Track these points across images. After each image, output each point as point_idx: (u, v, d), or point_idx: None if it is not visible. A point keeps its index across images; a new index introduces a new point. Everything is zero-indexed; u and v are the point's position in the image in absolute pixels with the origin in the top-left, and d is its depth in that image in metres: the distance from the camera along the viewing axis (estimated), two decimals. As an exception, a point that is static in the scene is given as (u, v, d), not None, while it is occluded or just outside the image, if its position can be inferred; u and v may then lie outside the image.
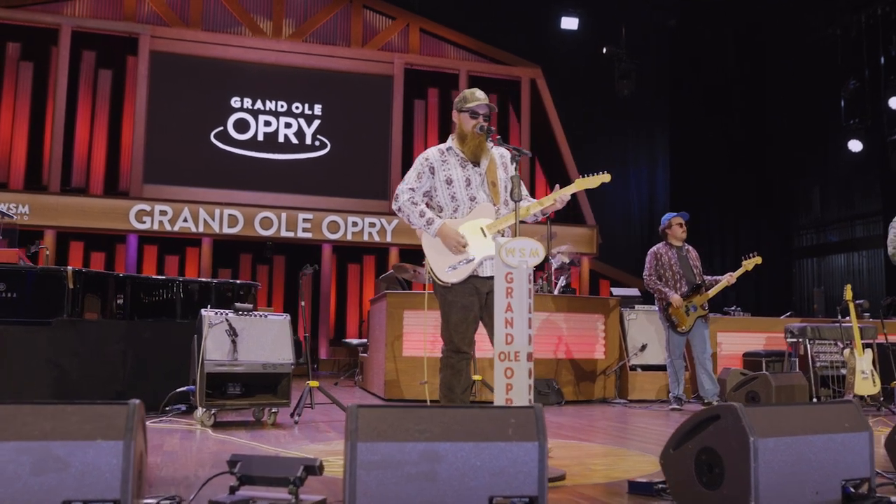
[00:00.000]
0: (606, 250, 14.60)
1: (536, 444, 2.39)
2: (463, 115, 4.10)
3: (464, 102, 4.11)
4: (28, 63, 12.73)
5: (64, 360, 5.34)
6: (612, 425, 5.67)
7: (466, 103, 4.09)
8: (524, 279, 3.44)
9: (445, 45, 14.56)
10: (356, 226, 13.51)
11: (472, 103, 4.08)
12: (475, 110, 4.07)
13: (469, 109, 4.07)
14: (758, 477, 2.56)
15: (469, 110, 4.07)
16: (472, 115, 4.07)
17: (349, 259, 13.88)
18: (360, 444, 2.32)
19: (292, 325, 5.51)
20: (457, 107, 4.14)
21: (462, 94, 4.18)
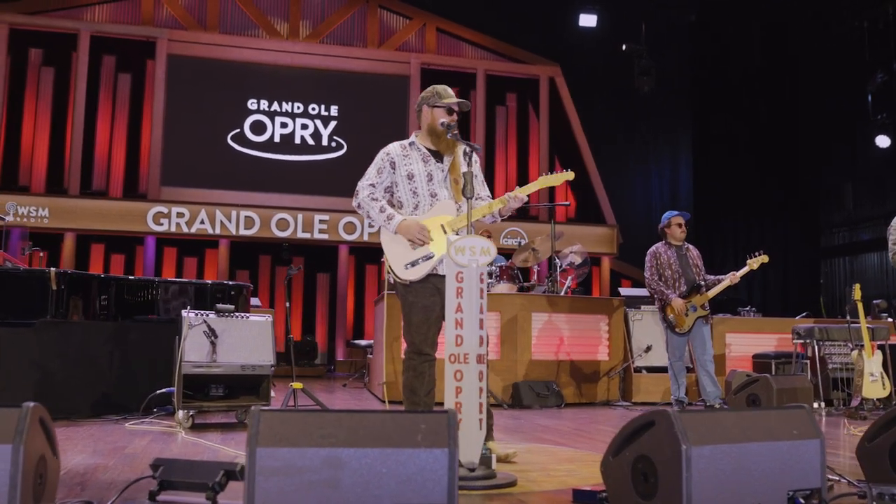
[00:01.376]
0: (628, 250, 14.36)
1: (446, 451, 2.28)
2: (437, 110, 3.98)
3: (437, 98, 4.00)
4: (49, 68, 12.93)
5: (48, 361, 5.34)
6: (603, 429, 5.52)
7: (441, 99, 3.99)
8: (475, 278, 3.33)
9: (462, 44, 14.47)
10: (373, 227, 13.43)
11: (448, 100, 3.97)
12: (451, 107, 3.96)
13: (445, 105, 3.96)
14: (690, 487, 2.41)
15: (445, 106, 3.96)
16: (448, 112, 3.96)
17: (367, 260, 13.85)
18: (259, 450, 2.23)
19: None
20: (429, 102, 4.03)
21: (433, 89, 4.07)
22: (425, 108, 4.04)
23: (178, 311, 5.66)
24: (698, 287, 6.71)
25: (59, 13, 12.92)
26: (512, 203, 3.96)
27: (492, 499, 3.01)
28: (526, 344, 7.31)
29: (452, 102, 3.96)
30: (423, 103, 4.05)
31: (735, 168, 14.26)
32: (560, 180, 4.08)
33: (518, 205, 4.01)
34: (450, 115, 3.94)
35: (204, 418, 5.56)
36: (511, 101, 14.72)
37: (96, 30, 12.92)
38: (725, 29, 14.12)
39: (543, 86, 14.48)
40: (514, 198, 3.95)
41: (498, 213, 4.03)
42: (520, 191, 3.98)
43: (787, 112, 14.15)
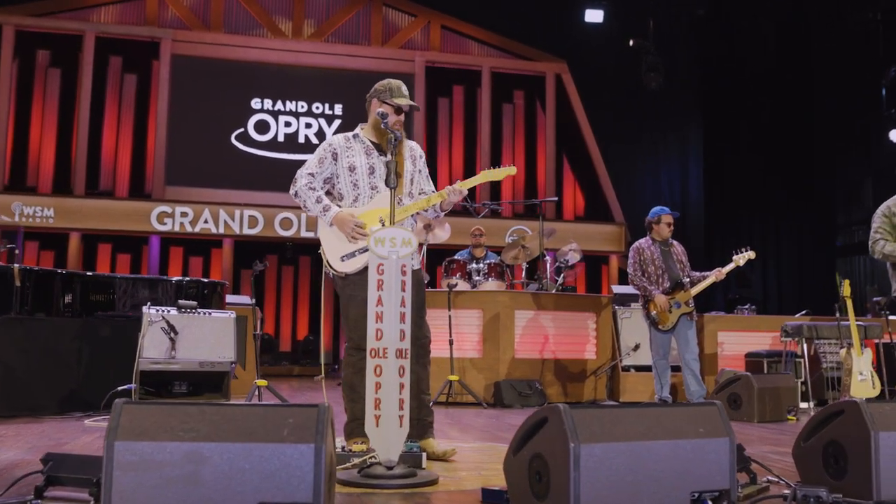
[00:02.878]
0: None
1: (312, 447, 2.18)
2: (386, 106, 3.89)
3: (388, 95, 3.91)
4: (56, 70, 13.03)
5: (11, 358, 5.33)
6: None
7: (392, 96, 3.89)
8: (395, 271, 3.23)
9: (467, 41, 14.36)
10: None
11: (399, 99, 3.87)
12: (402, 107, 3.86)
13: (395, 105, 3.87)
14: (579, 487, 2.29)
15: (395, 105, 3.87)
16: (396, 111, 3.86)
17: (372, 259, 13.77)
18: (117, 444, 2.15)
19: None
20: (379, 97, 3.94)
21: (387, 84, 3.97)
22: (374, 101, 3.94)
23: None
24: (682, 284, 6.54)
25: (66, 14, 13.03)
26: (452, 196, 3.85)
27: (398, 498, 2.91)
28: (509, 342, 7.18)
29: (404, 104, 3.86)
30: (374, 96, 3.96)
31: (746, 165, 13.99)
32: (502, 175, 3.96)
33: (458, 198, 3.89)
34: (398, 115, 3.84)
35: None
36: (518, 99, 14.58)
37: (101, 31, 13.01)
38: (735, 23, 13.87)
39: (550, 83, 14.32)
40: (454, 191, 3.84)
41: (439, 206, 3.92)
42: (460, 184, 3.88)
43: (799, 107, 13.84)
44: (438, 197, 3.87)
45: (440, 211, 3.97)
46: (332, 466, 2.37)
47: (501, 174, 3.95)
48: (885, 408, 2.83)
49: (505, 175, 3.96)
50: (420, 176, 4.04)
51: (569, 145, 14.50)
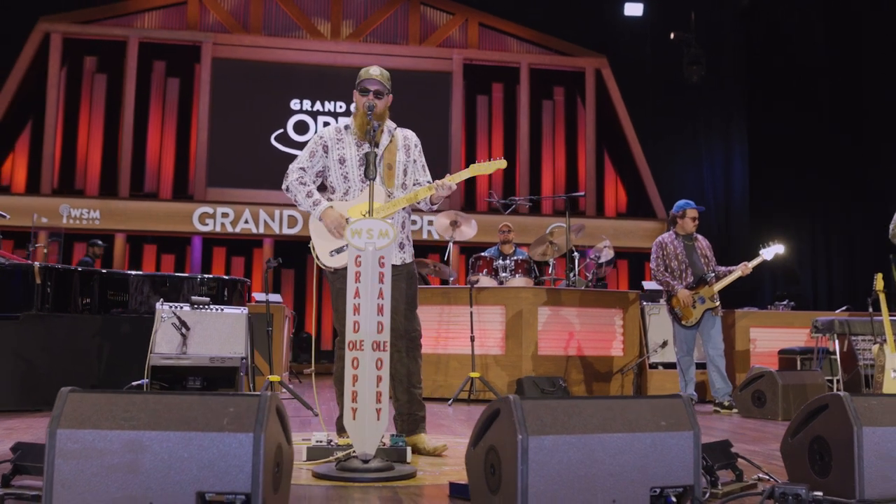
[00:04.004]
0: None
1: (251, 436, 2.16)
2: (355, 92, 3.88)
3: (357, 80, 3.89)
4: (102, 75, 13.36)
5: (32, 354, 5.46)
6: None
7: (358, 80, 3.88)
8: (373, 262, 3.20)
9: (506, 38, 14.27)
10: (415, 224, 13.41)
11: (362, 79, 3.86)
12: (365, 87, 3.84)
13: (359, 87, 3.85)
14: (527, 480, 2.22)
15: (359, 87, 3.85)
16: (361, 93, 3.84)
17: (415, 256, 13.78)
18: (59, 431, 2.16)
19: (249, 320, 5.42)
20: (356, 87, 3.93)
21: (360, 73, 3.95)
22: (355, 93, 3.92)
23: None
24: (706, 278, 6.38)
25: (110, 21, 13.35)
26: (440, 191, 3.79)
27: (360, 491, 2.87)
28: (532, 338, 7.09)
29: (364, 81, 3.82)
30: (355, 88, 3.94)
31: (793, 158, 13.57)
32: (492, 168, 3.89)
33: (447, 192, 3.82)
34: (364, 96, 3.81)
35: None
36: (558, 95, 14.42)
37: (144, 36, 13.29)
38: (780, 12, 13.48)
39: (589, 78, 14.14)
40: (442, 185, 3.77)
41: (430, 200, 3.86)
42: (449, 178, 3.81)
43: (849, 97, 13.38)
44: (426, 191, 3.81)
45: (431, 204, 3.91)
46: (282, 457, 2.35)
47: (491, 168, 3.88)
48: (872, 402, 2.70)
49: (495, 168, 3.89)
50: (415, 166, 3.99)
51: (609, 141, 14.30)
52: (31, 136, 13.07)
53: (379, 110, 3.84)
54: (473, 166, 3.87)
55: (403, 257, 3.88)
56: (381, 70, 3.93)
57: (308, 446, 3.47)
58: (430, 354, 7.28)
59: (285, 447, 2.40)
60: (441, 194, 3.78)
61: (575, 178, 14.28)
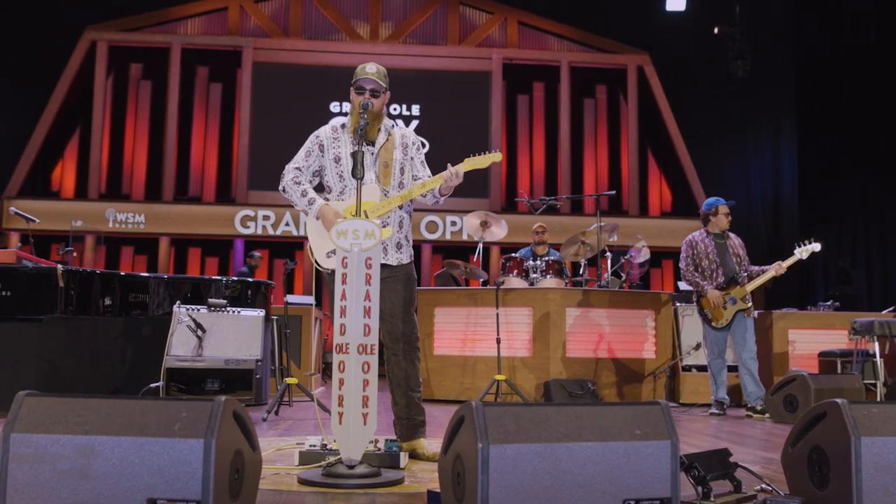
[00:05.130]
0: (726, 245, 13.51)
1: (202, 442, 2.11)
2: (352, 90, 3.83)
3: (353, 78, 3.84)
4: (147, 82, 13.62)
5: (55, 356, 5.54)
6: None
7: (354, 78, 3.83)
8: (359, 264, 3.13)
9: (546, 36, 14.11)
10: (455, 225, 13.36)
11: (358, 78, 3.80)
12: (361, 85, 3.78)
13: (355, 85, 3.80)
14: (487, 491, 2.14)
15: (355, 86, 3.80)
16: (357, 91, 3.79)
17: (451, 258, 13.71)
18: (13, 436, 2.15)
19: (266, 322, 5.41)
20: (352, 85, 3.88)
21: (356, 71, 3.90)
22: (352, 91, 3.87)
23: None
24: (738, 278, 6.16)
25: (154, 28, 13.59)
26: (450, 181, 3.67)
27: (350, 498, 2.80)
28: (559, 340, 6.95)
29: (360, 80, 3.77)
30: (351, 86, 3.89)
31: (846, 153, 13.10)
32: (487, 162, 3.77)
33: (457, 182, 3.71)
34: (360, 95, 3.75)
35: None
36: (600, 93, 14.21)
37: (187, 42, 13.50)
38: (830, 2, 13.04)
39: (631, 75, 13.89)
40: (453, 174, 3.66)
41: (438, 192, 3.77)
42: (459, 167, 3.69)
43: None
44: (434, 182, 3.72)
45: (439, 196, 3.81)
46: (242, 464, 2.30)
47: (486, 161, 3.77)
48: (872, 409, 2.53)
49: (490, 161, 3.77)
50: (412, 163, 3.91)
51: (653, 139, 14.03)
52: (79, 142, 13.39)
53: (375, 109, 3.79)
54: (468, 160, 3.76)
55: (401, 258, 3.80)
56: (378, 67, 3.87)
57: (300, 451, 3.42)
58: (457, 357, 7.21)
59: (248, 453, 2.35)
60: (451, 184, 3.68)
61: (618, 177, 14.04)
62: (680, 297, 7.58)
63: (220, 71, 13.68)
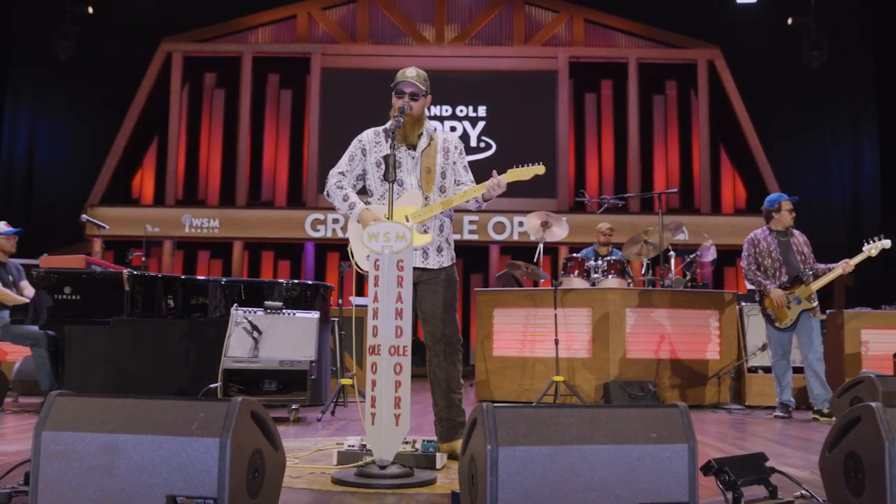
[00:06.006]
0: (803, 242, 13.06)
1: (218, 441, 2.17)
2: (393, 95, 3.87)
3: (393, 82, 3.89)
4: (220, 90, 14.02)
5: (122, 357, 5.77)
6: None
7: (394, 82, 3.87)
8: (391, 266, 3.17)
9: (612, 33, 13.93)
10: (522, 226, 13.29)
11: (397, 82, 3.84)
12: (401, 89, 3.82)
13: (395, 89, 3.84)
14: (496, 493, 2.13)
15: (395, 90, 3.84)
16: (397, 95, 3.83)
17: (521, 259, 13.66)
18: (44, 434, 2.25)
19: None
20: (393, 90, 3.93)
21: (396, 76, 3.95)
22: (393, 96, 3.91)
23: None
24: (802, 277, 5.96)
25: (226, 38, 13.98)
26: (493, 191, 3.67)
27: (371, 498, 2.84)
28: (620, 341, 6.86)
29: (399, 84, 3.81)
30: (392, 90, 3.93)
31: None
32: (530, 174, 3.73)
33: (499, 191, 3.71)
34: (400, 98, 3.79)
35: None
36: (670, 90, 13.94)
37: (257, 51, 13.83)
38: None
39: (702, 70, 13.57)
40: (496, 185, 3.65)
41: (482, 198, 3.77)
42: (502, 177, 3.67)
43: None
44: (476, 190, 3.73)
45: (482, 202, 3.82)
46: (262, 463, 2.35)
47: (528, 174, 3.73)
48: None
49: (532, 174, 3.73)
50: (455, 168, 3.92)
51: (726, 135, 13.69)
52: (157, 151, 13.87)
53: (415, 112, 3.82)
54: (511, 171, 3.74)
55: (441, 261, 3.82)
56: (418, 71, 3.91)
57: (338, 451, 3.48)
58: (516, 358, 7.19)
59: (269, 453, 2.40)
60: (493, 194, 3.67)
61: (689, 175, 13.76)
62: (745, 296, 7.38)
63: (289, 77, 13.98)
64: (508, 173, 3.73)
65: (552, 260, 13.48)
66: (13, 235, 6.32)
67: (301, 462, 3.56)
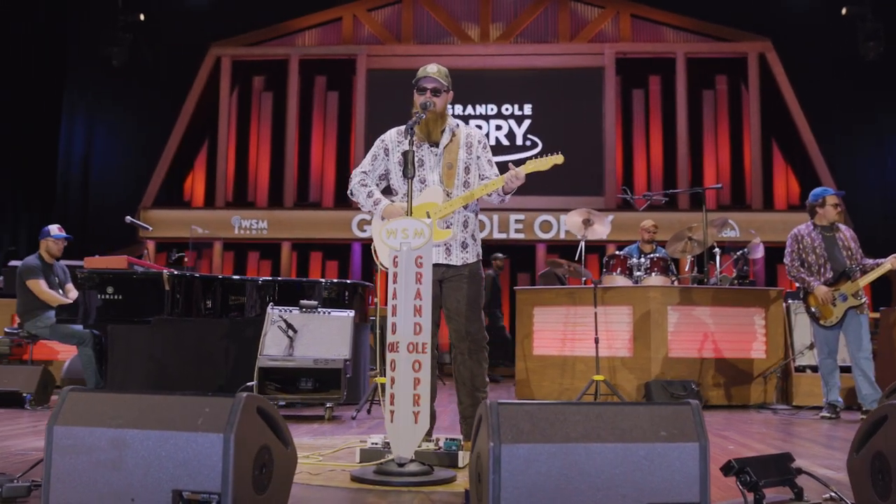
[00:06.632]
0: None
1: (221, 437, 2.18)
2: (414, 92, 3.86)
3: (414, 79, 3.88)
4: (268, 94, 14.20)
5: (162, 355, 5.87)
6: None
7: (415, 79, 3.86)
8: (409, 262, 3.15)
9: (660, 28, 13.70)
10: (552, 227, 13.20)
11: (419, 78, 3.83)
12: (422, 85, 3.80)
13: (417, 86, 3.83)
14: (499, 491, 2.10)
15: (417, 86, 3.83)
16: (418, 92, 3.82)
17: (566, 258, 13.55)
18: (56, 428, 2.29)
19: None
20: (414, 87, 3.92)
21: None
22: (414, 93, 3.90)
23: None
24: (849, 273, 5.78)
25: (274, 42, 14.14)
26: (511, 183, 3.66)
27: (388, 495, 2.82)
28: (661, 340, 6.73)
29: (420, 80, 3.80)
30: (413, 87, 3.92)
31: None
32: (548, 164, 3.70)
33: (518, 183, 3.69)
34: (422, 95, 3.77)
35: (298, 411, 5.80)
36: (720, 84, 13.66)
37: (304, 53, 13.97)
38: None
39: (752, 64, 13.26)
40: (514, 177, 3.64)
41: (502, 191, 3.75)
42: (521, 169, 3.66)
43: None
44: (495, 183, 3.70)
45: (504, 196, 3.79)
46: (270, 459, 2.35)
47: (547, 164, 3.69)
48: (938, 413, 2.31)
49: (551, 164, 3.70)
50: (479, 163, 3.89)
51: (778, 129, 13.35)
52: (207, 154, 14.12)
53: (437, 108, 3.80)
54: (529, 162, 3.71)
55: (465, 257, 3.79)
56: (439, 67, 3.89)
57: (361, 448, 3.48)
58: (556, 357, 7.12)
59: (277, 449, 2.41)
60: (512, 185, 3.65)
61: (740, 170, 13.46)
62: (795, 293, 7.19)
63: (336, 79, 14.08)
64: (527, 164, 3.70)
65: (599, 258, 13.33)
66: (62, 240, 6.49)
67: (325, 459, 3.57)
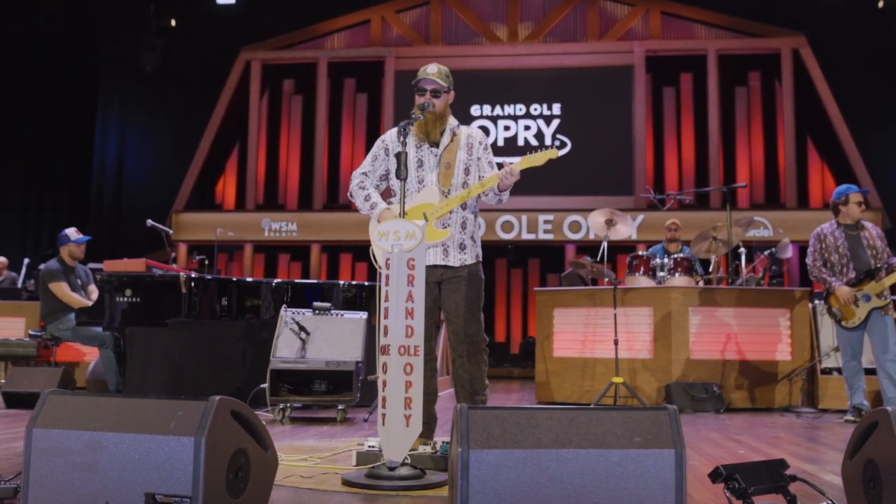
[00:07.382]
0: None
1: (192, 440, 2.18)
2: (415, 93, 3.85)
3: (414, 80, 3.86)
4: (298, 96, 14.31)
5: (179, 357, 5.93)
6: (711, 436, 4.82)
7: (415, 80, 3.84)
8: (401, 265, 3.14)
9: (691, 25, 13.52)
10: (581, 227, 13.08)
11: (419, 79, 3.82)
12: (422, 87, 3.79)
13: (416, 87, 3.81)
14: (466, 498, 2.07)
15: (417, 87, 3.81)
16: (418, 93, 3.80)
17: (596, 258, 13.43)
18: (35, 430, 2.31)
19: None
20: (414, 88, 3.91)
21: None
22: (415, 94, 3.88)
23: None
24: (873, 272, 5.62)
25: (303, 45, 14.25)
26: (507, 179, 3.63)
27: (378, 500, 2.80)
28: (682, 342, 6.63)
29: (419, 81, 3.78)
30: (413, 88, 3.91)
31: None
32: (543, 159, 3.67)
33: (514, 180, 3.67)
34: (421, 96, 3.76)
35: (313, 413, 5.82)
36: (753, 81, 13.43)
37: (333, 56, 14.05)
38: None
39: (786, 59, 13.01)
40: (509, 173, 3.61)
41: (497, 189, 3.72)
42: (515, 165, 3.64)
43: None
44: (490, 181, 3.68)
45: (500, 193, 3.76)
46: (246, 463, 2.35)
47: (542, 159, 3.66)
48: (929, 419, 2.22)
49: (546, 158, 3.67)
50: (479, 164, 3.87)
51: (813, 126, 13.09)
52: (237, 157, 14.27)
53: (437, 109, 3.79)
54: (524, 158, 3.68)
55: (464, 259, 3.76)
56: (440, 68, 3.87)
57: (357, 451, 3.47)
58: (576, 358, 7.05)
59: (255, 452, 2.40)
60: (507, 182, 3.63)
61: (774, 168, 13.23)
62: (819, 294, 7.03)
63: (365, 81, 14.14)
64: (521, 160, 3.68)
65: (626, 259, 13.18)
66: (83, 243, 6.59)
67: (322, 462, 3.56)
